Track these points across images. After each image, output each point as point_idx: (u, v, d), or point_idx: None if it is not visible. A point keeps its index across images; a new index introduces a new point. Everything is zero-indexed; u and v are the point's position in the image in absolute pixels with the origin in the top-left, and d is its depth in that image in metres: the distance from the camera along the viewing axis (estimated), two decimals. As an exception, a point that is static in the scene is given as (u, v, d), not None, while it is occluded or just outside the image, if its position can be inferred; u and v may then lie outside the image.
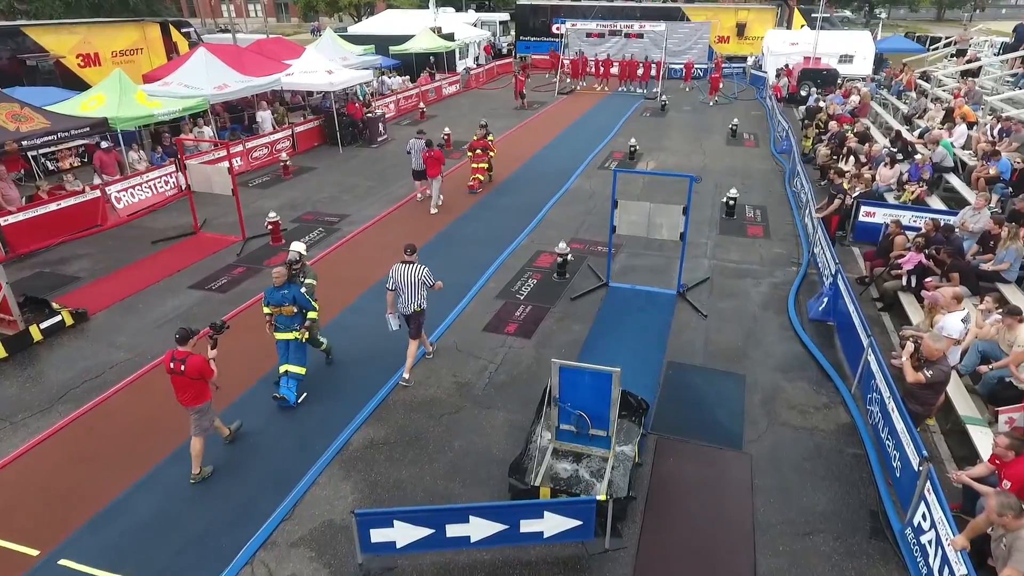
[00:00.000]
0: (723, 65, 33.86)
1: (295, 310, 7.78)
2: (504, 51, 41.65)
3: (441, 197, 14.96)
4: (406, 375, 8.40)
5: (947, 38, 31.61)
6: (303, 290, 7.95)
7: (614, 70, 32.71)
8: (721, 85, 29.56)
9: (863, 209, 12.57)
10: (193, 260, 12.35)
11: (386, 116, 24.52)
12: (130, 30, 22.79)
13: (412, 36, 30.91)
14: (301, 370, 7.99)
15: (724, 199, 14.33)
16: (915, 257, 9.67)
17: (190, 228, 13.73)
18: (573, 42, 36.27)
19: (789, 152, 19.00)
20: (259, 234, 13.26)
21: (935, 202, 13.07)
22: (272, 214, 12.93)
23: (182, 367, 6.38)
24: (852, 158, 15.75)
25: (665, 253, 12.22)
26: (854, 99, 21.78)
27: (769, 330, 9.71)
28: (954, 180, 13.90)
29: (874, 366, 7.52)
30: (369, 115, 21.14)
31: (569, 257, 11.29)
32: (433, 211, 14.67)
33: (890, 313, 10.18)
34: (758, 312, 10.23)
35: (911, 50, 32.78)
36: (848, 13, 64.60)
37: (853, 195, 13.00)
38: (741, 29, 36.64)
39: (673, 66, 34.73)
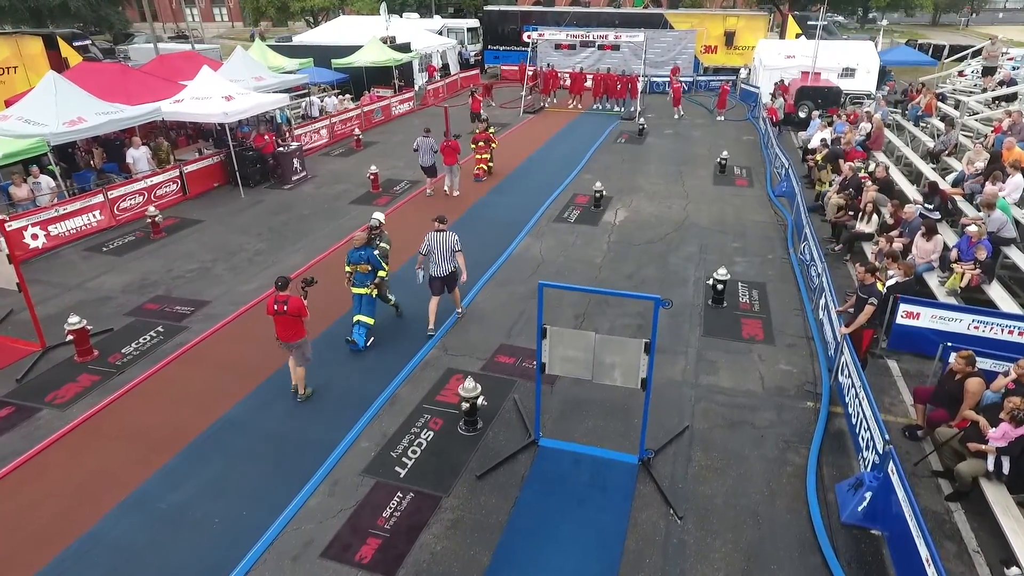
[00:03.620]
0: (680, 75, 30.55)
1: (369, 268, 8.97)
2: (471, 61, 37.98)
3: (458, 184, 16.37)
4: (459, 309, 10.25)
5: (967, 50, 28.18)
6: (376, 252, 9.11)
7: (588, 84, 29.22)
8: (682, 98, 26.36)
9: (902, 307, 9.02)
10: (-49, 389, 8.61)
11: (316, 145, 20.89)
12: (-2, 45, 18.93)
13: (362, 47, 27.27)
14: (370, 320, 9.29)
15: (711, 280, 10.71)
16: (1010, 433, 6.10)
17: (-21, 328, 9.99)
18: (544, 53, 32.68)
19: (790, 197, 15.49)
20: (65, 340, 9.50)
21: (999, 296, 9.50)
22: (74, 319, 9.14)
23: (284, 307, 7.57)
24: (875, 217, 12.21)
25: (627, 376, 8.59)
26: (865, 126, 18.27)
27: (782, 550, 6.08)
28: (1017, 256, 10.37)
29: None
30: (282, 149, 17.39)
31: (480, 402, 7.61)
32: (456, 193, 16.18)
33: (964, 505, 6.60)
34: (763, 507, 6.60)
35: (920, 63, 29.43)
36: (840, 18, 61.35)
37: (887, 283, 9.45)
38: (730, 38, 33.16)
39: (655, 79, 31.23)
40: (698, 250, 12.92)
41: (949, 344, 7.71)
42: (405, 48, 30.30)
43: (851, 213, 12.92)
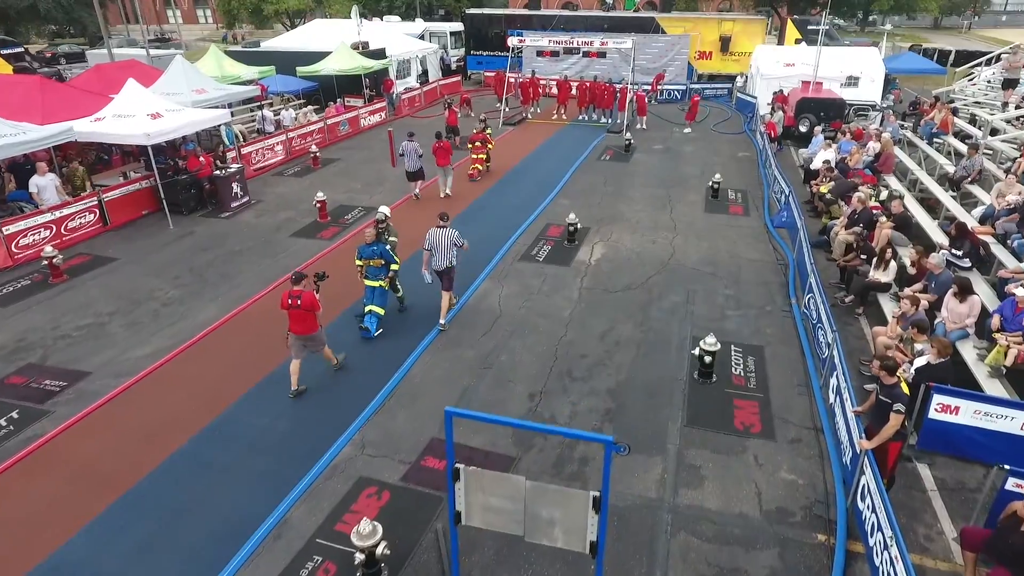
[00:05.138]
0: (657, 88, 29.07)
1: (382, 262, 9.49)
2: (452, 67, 36.06)
3: (451, 184, 16.49)
4: (442, 321, 10.02)
5: (981, 58, 26.35)
6: (388, 247, 9.65)
7: (574, 92, 27.40)
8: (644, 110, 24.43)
9: (936, 399, 7.13)
10: None
11: (269, 164, 19.02)
12: (-92, 54, 16.97)
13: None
14: (381, 311, 9.84)
15: (696, 350, 8.79)
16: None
17: None
18: (528, 60, 30.86)
19: (791, 229, 13.62)
20: None
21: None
22: None
23: (298, 301, 7.85)
24: (892, 263, 10.31)
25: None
26: (873, 146, 16.41)
27: None
28: (1071, 322, 8.47)
29: None
30: (219, 172, 15.46)
31: (382, 551, 5.68)
32: (445, 195, 16.26)
33: None
34: None
35: (928, 71, 27.57)
36: (840, 21, 59.44)
37: (915, 364, 7.57)
38: (725, 43, 31.27)
39: (647, 87, 29.30)
40: (684, 299, 11.02)
41: (1007, 468, 5.82)
42: (379, 54, 28.39)
43: (863, 257, 11.03)
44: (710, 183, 16.44)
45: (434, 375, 8.93)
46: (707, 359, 8.56)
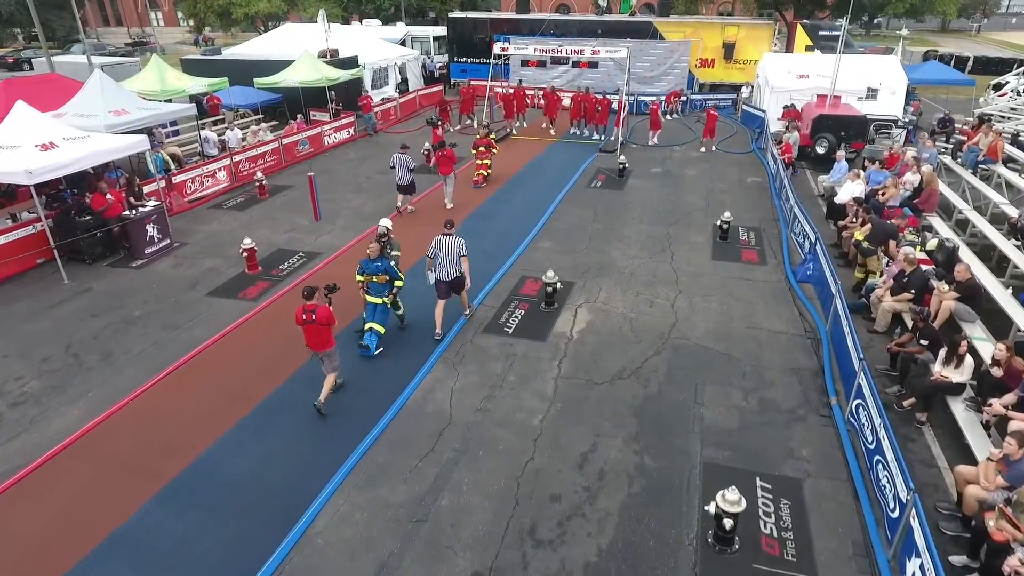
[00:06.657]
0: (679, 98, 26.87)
1: (386, 278, 9.18)
2: (436, 74, 33.54)
3: (451, 194, 15.70)
4: (466, 312, 10.29)
5: (1021, 68, 23.83)
6: (392, 263, 9.36)
7: (567, 103, 24.93)
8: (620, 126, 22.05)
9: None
10: None
11: (210, 193, 16.51)
12: None
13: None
14: (382, 329, 9.41)
15: (712, 507, 6.23)
16: None
17: None
18: (516, 68, 28.39)
19: (817, 283, 11.16)
20: None
21: None
22: None
23: (313, 316, 7.67)
24: (968, 359, 7.78)
25: None
26: (911, 178, 13.91)
27: None
28: None
29: None
30: (131, 212, 12.91)
31: None
32: (449, 205, 15.48)
33: None
34: None
35: (954, 82, 25.10)
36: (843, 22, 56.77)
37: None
38: (729, 50, 28.79)
39: (644, 98, 26.82)
40: (692, 397, 8.49)
41: None
42: (351, 63, 25.87)
43: (923, 342, 8.49)
44: (718, 222, 13.91)
45: (344, 534, 6.38)
46: (727, 523, 6.02)
